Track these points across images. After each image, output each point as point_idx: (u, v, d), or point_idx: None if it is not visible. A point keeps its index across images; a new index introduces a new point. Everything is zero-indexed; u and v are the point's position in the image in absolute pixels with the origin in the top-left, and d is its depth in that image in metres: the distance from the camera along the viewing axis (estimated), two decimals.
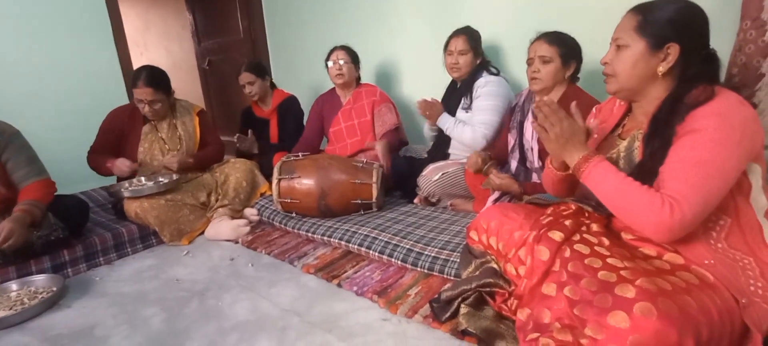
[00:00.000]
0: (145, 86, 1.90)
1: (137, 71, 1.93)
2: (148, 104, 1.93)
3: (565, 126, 0.94)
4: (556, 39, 1.48)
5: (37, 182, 1.60)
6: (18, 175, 1.58)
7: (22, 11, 2.31)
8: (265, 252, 1.74)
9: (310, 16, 2.98)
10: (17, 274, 1.53)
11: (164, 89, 1.97)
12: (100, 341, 1.21)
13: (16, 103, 2.29)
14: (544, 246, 0.97)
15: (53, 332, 1.27)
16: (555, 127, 0.95)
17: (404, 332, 1.16)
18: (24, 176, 1.59)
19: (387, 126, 2.21)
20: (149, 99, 1.91)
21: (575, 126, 0.95)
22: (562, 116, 0.95)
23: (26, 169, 1.59)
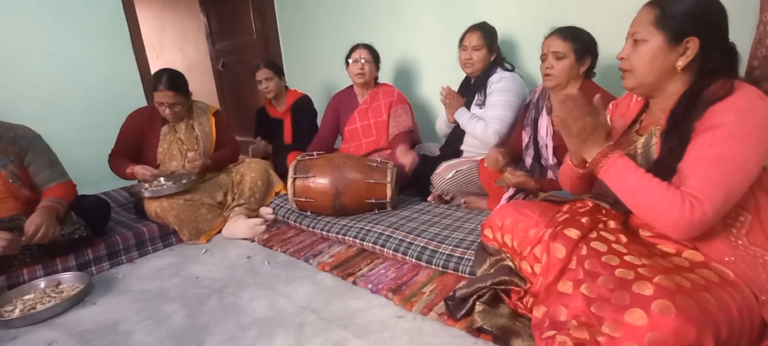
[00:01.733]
0: (166, 90, 1.94)
1: (157, 75, 1.97)
2: (168, 107, 1.97)
3: (589, 121, 0.92)
4: (570, 34, 1.46)
5: (59, 185, 1.66)
6: (40, 178, 1.64)
7: (43, 18, 2.39)
8: (280, 250, 1.77)
9: (323, 16, 3.00)
10: (44, 272, 1.58)
11: (184, 92, 2.02)
12: (124, 337, 1.25)
13: (40, 106, 2.37)
14: (560, 244, 0.97)
15: (79, 328, 1.31)
16: (578, 122, 0.93)
17: (419, 329, 1.17)
18: (46, 178, 1.65)
19: (401, 128, 2.21)
20: (170, 102, 1.96)
21: (598, 121, 0.93)
22: (587, 111, 0.93)
23: (48, 172, 1.65)
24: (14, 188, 1.59)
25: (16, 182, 1.59)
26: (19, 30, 2.31)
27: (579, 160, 1.05)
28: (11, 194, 1.59)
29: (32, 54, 2.37)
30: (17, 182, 1.59)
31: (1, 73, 2.23)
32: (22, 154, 1.61)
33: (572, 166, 1.08)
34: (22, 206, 1.62)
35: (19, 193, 1.60)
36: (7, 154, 1.57)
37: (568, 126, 0.94)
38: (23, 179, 1.62)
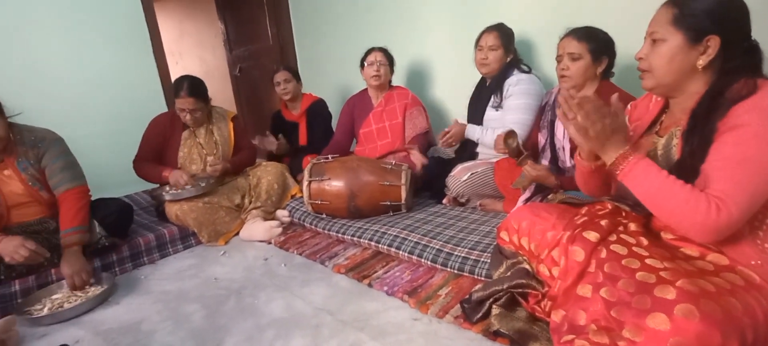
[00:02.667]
0: (187, 96, 1.99)
1: (179, 82, 2.02)
2: (189, 113, 2.02)
3: (607, 123, 0.90)
4: (586, 35, 1.44)
5: (70, 190, 1.63)
6: (53, 181, 1.64)
7: (69, 26, 2.48)
8: (297, 252, 1.79)
9: (337, 21, 3.03)
10: None
11: (204, 98, 2.07)
12: (147, 336, 1.28)
13: (66, 112, 2.45)
14: (579, 247, 0.95)
15: (104, 327, 1.36)
16: (596, 125, 0.90)
17: (435, 331, 1.17)
18: (58, 182, 1.63)
19: (417, 130, 2.22)
20: (191, 108, 2.01)
21: (617, 123, 0.90)
22: (606, 113, 0.90)
23: (60, 175, 1.63)
24: (34, 191, 1.62)
25: (35, 185, 1.62)
26: (47, 39, 2.41)
27: (588, 154, 1.02)
28: (34, 198, 1.64)
29: (59, 62, 2.46)
30: (37, 185, 1.62)
31: (31, 80, 2.33)
32: (40, 157, 1.63)
33: (582, 161, 1.05)
34: (47, 209, 1.68)
35: (40, 197, 1.64)
36: (28, 158, 1.61)
37: (586, 129, 0.91)
38: (42, 182, 1.65)
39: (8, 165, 1.59)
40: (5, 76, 1.75)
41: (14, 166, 1.60)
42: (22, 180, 1.61)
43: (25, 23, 2.33)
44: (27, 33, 2.34)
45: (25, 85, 2.29)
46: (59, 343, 1.14)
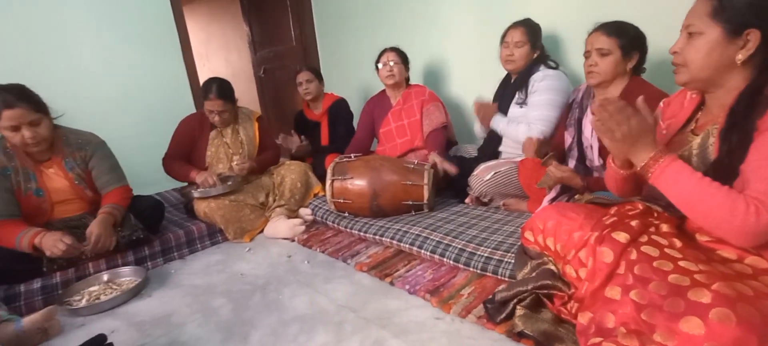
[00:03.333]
0: (216, 98, 2.06)
1: (207, 84, 2.09)
2: (218, 114, 2.09)
3: (634, 124, 0.87)
4: (616, 29, 1.39)
5: (116, 189, 1.78)
6: (101, 182, 1.77)
7: (102, 30, 2.59)
8: (319, 250, 1.81)
9: (359, 21, 3.06)
10: (107, 266, 1.72)
11: (232, 99, 2.14)
12: (177, 328, 1.33)
13: (102, 113, 2.56)
14: (608, 248, 0.93)
15: (138, 319, 1.41)
16: (622, 127, 0.88)
17: (458, 331, 1.16)
18: (105, 183, 1.77)
19: (434, 124, 2.20)
20: (220, 109, 2.08)
21: (644, 124, 0.88)
22: (630, 114, 0.88)
23: (107, 176, 1.77)
24: (80, 189, 1.74)
25: (81, 183, 1.74)
26: (82, 43, 2.53)
27: (622, 162, 1.00)
28: (78, 195, 1.75)
29: (94, 65, 2.58)
30: (82, 183, 1.74)
31: (67, 82, 2.45)
32: (87, 159, 1.76)
33: (616, 168, 1.03)
34: (88, 206, 1.78)
35: (84, 194, 1.76)
36: (74, 159, 1.73)
37: (612, 131, 0.89)
38: (88, 181, 1.77)
39: (55, 164, 1.69)
40: (50, 81, 1.86)
41: (61, 166, 1.70)
42: (69, 179, 1.71)
43: (66, 33, 2.46)
44: (68, 41, 2.47)
45: (65, 89, 2.41)
46: (96, 332, 1.20)
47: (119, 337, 1.28)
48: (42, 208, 1.67)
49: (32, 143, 1.57)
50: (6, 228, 1.55)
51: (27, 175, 1.63)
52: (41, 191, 1.66)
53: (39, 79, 1.79)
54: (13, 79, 1.60)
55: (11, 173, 1.60)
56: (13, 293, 1.52)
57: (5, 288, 1.52)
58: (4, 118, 1.50)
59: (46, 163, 1.68)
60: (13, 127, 1.52)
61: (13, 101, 1.51)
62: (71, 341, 1.27)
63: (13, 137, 1.54)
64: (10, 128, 1.52)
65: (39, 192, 1.66)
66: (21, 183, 1.62)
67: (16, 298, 1.52)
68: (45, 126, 1.60)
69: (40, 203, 1.67)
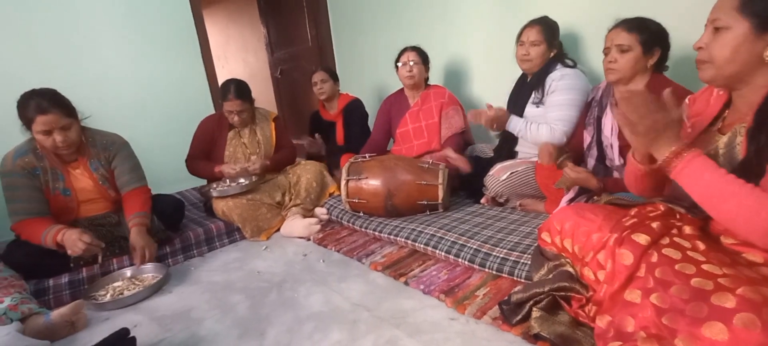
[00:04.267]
0: (235, 99, 2.11)
1: (226, 86, 2.14)
2: (237, 114, 2.14)
3: (658, 118, 0.84)
4: (637, 25, 1.36)
5: (136, 189, 1.81)
6: (121, 181, 1.81)
7: (127, 35, 2.67)
8: (334, 249, 1.83)
9: (375, 21, 3.06)
10: (129, 263, 1.76)
11: (249, 99, 2.19)
12: (197, 323, 1.36)
13: (124, 114, 2.64)
14: (627, 250, 0.91)
15: (159, 313, 1.45)
16: (646, 120, 0.85)
17: (473, 332, 1.15)
18: (126, 182, 1.81)
19: (453, 129, 2.19)
20: (238, 109, 2.13)
21: (669, 117, 0.84)
22: (654, 107, 0.85)
23: (128, 176, 1.81)
24: (103, 189, 1.79)
25: (104, 183, 1.79)
26: (108, 48, 2.62)
27: (643, 156, 0.96)
28: (102, 195, 1.80)
29: (117, 67, 2.67)
30: (106, 183, 1.79)
31: (93, 85, 2.54)
32: (110, 159, 1.81)
33: (636, 163, 0.99)
34: (112, 205, 1.84)
35: (108, 194, 1.81)
36: (99, 159, 1.78)
37: (634, 124, 0.86)
38: (111, 181, 1.82)
39: (81, 164, 1.75)
40: (77, 83, 1.93)
41: (87, 166, 1.76)
42: (94, 179, 1.77)
43: (93, 37, 2.55)
44: (94, 45, 2.56)
45: (92, 92, 2.50)
46: (120, 326, 1.24)
47: (141, 331, 1.32)
48: (69, 207, 1.74)
49: (63, 147, 1.62)
50: (35, 225, 1.61)
51: (55, 175, 1.70)
52: (68, 190, 1.73)
53: (67, 81, 1.87)
54: (44, 82, 1.66)
55: (40, 173, 1.67)
56: (42, 288, 1.59)
57: (35, 282, 1.58)
58: (37, 123, 1.56)
59: (73, 163, 1.75)
60: (45, 132, 1.58)
61: (47, 107, 1.56)
62: (96, 334, 1.32)
63: (45, 141, 1.60)
64: (42, 132, 1.58)
65: (66, 192, 1.72)
66: (49, 183, 1.68)
67: (45, 292, 1.59)
68: (75, 130, 1.66)
69: (67, 202, 1.73)
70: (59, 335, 1.34)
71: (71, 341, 1.33)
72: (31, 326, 1.30)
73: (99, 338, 1.19)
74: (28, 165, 1.64)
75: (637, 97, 0.85)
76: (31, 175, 1.64)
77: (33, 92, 1.58)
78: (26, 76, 1.87)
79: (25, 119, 1.58)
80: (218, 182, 2.17)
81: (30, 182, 1.64)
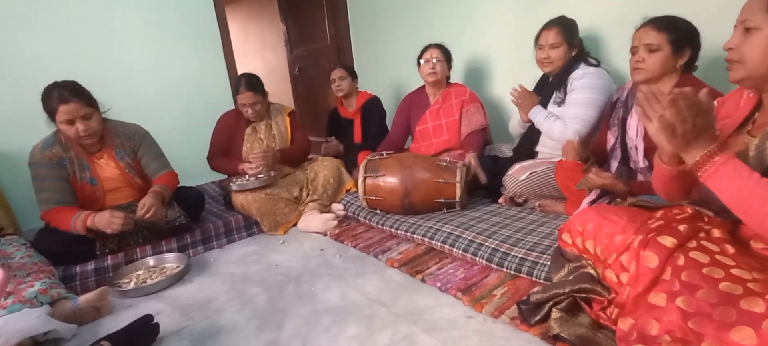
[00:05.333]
0: (246, 91, 2.15)
1: (237, 80, 2.20)
2: (250, 107, 2.18)
3: (699, 122, 0.82)
4: (666, 24, 1.32)
5: (165, 174, 1.91)
6: (150, 169, 1.90)
7: (150, 30, 2.74)
8: (351, 245, 1.84)
9: (394, 19, 3.07)
10: (153, 251, 1.82)
11: (261, 91, 2.22)
12: (217, 313, 1.39)
13: (148, 109, 2.71)
14: (652, 252, 0.89)
15: (180, 302, 1.49)
16: (686, 124, 0.82)
17: (490, 330, 1.15)
18: (155, 169, 1.90)
19: (473, 126, 2.17)
20: (251, 102, 2.17)
21: (708, 121, 0.82)
22: (699, 111, 0.82)
23: (156, 163, 1.91)
24: (130, 177, 1.86)
25: (131, 172, 1.86)
26: (132, 43, 2.69)
27: (670, 157, 0.94)
28: (128, 183, 1.87)
29: (142, 63, 2.74)
30: (132, 172, 1.87)
31: (117, 79, 2.61)
32: (136, 149, 1.88)
33: (663, 164, 0.97)
34: (138, 193, 1.89)
35: (134, 182, 1.88)
36: (124, 149, 1.85)
37: (674, 127, 0.83)
38: (137, 169, 1.89)
39: (105, 154, 1.82)
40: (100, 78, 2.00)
41: (112, 156, 1.82)
42: (120, 168, 1.83)
43: (118, 33, 2.63)
44: (119, 41, 2.63)
45: (116, 86, 2.57)
46: (143, 313, 1.28)
47: (164, 318, 1.35)
48: (96, 196, 1.80)
49: (85, 136, 1.68)
50: (63, 213, 1.67)
51: (81, 165, 1.76)
52: (95, 179, 1.79)
53: (93, 75, 1.93)
54: (71, 75, 1.73)
55: (67, 163, 1.73)
56: (69, 274, 1.64)
57: (63, 269, 1.64)
58: (60, 112, 1.62)
59: (98, 154, 1.81)
60: (68, 121, 1.64)
61: (69, 96, 1.62)
62: (120, 320, 1.36)
63: (68, 130, 1.66)
64: (65, 122, 1.64)
65: (92, 181, 1.78)
66: (76, 172, 1.74)
67: (73, 278, 1.64)
68: (96, 119, 1.71)
69: (93, 191, 1.79)
70: (86, 320, 1.39)
71: (97, 326, 1.38)
72: (60, 309, 1.35)
73: (123, 324, 1.23)
74: (55, 156, 1.70)
75: (684, 99, 0.82)
76: (58, 165, 1.71)
77: (55, 84, 1.65)
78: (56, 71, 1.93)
79: (49, 110, 1.64)
80: (238, 176, 2.21)
81: (57, 172, 1.70)
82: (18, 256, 1.51)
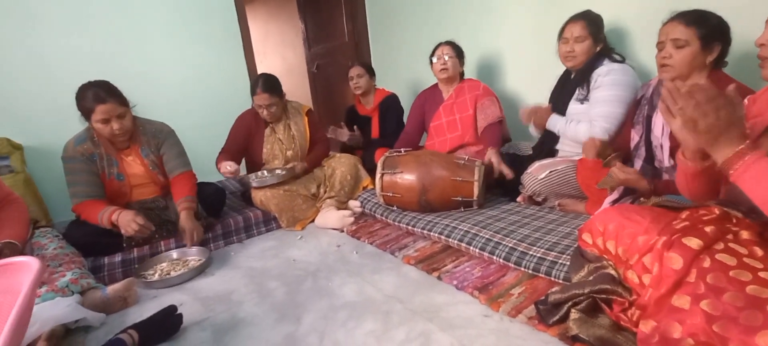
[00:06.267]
0: (262, 92, 2.14)
1: (254, 81, 2.19)
2: (266, 108, 2.18)
3: (723, 116, 0.79)
4: (695, 19, 1.27)
5: (183, 173, 1.92)
6: (169, 166, 1.93)
7: (172, 30, 2.81)
8: (367, 242, 1.85)
9: (412, 16, 3.06)
10: (176, 245, 1.88)
11: (278, 93, 2.21)
12: (237, 305, 1.43)
13: (170, 105, 2.78)
14: (677, 253, 0.87)
15: (202, 294, 1.54)
16: (708, 118, 0.79)
17: (507, 329, 1.14)
18: (173, 167, 1.92)
19: (490, 119, 2.14)
20: (267, 103, 2.16)
21: (733, 116, 0.79)
22: (720, 104, 0.79)
23: (175, 161, 1.93)
24: (154, 174, 1.91)
25: (154, 169, 1.91)
26: (156, 42, 2.77)
27: (693, 153, 0.91)
28: (152, 179, 1.92)
29: (165, 62, 2.81)
30: (155, 169, 1.92)
31: (141, 77, 2.69)
32: (159, 146, 1.93)
33: (686, 161, 0.94)
34: (161, 189, 1.95)
35: (157, 179, 1.93)
36: (149, 146, 1.90)
37: (695, 122, 0.81)
38: (160, 167, 1.94)
39: (133, 151, 1.88)
40: (126, 76, 2.06)
41: (138, 153, 1.88)
42: (145, 165, 1.89)
43: (142, 33, 2.71)
44: (143, 40, 2.72)
45: (140, 84, 2.64)
46: (167, 304, 1.32)
47: (186, 309, 1.39)
48: (122, 191, 1.86)
49: (119, 134, 1.75)
50: (92, 206, 1.74)
51: (110, 161, 1.82)
52: (122, 175, 1.85)
53: (117, 73, 1.99)
54: (97, 74, 1.79)
55: (97, 158, 1.79)
56: (98, 265, 1.71)
57: (92, 260, 1.71)
58: (97, 113, 1.68)
59: (126, 151, 1.87)
60: (104, 120, 1.70)
61: (105, 96, 1.68)
62: (146, 310, 1.41)
63: (104, 129, 1.72)
64: (101, 120, 1.70)
65: (120, 176, 1.85)
66: (105, 168, 1.81)
67: (101, 269, 1.71)
68: (129, 118, 1.78)
69: (121, 187, 1.85)
70: (113, 309, 1.44)
71: (124, 315, 1.43)
72: (89, 299, 1.41)
73: (148, 314, 1.28)
74: (86, 151, 1.77)
75: (701, 92, 0.80)
76: (89, 160, 1.77)
77: (89, 84, 1.71)
78: (84, 69, 2.01)
79: (84, 110, 1.70)
80: (257, 172, 2.25)
81: (88, 167, 1.77)
82: (51, 247, 1.58)
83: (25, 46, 2.37)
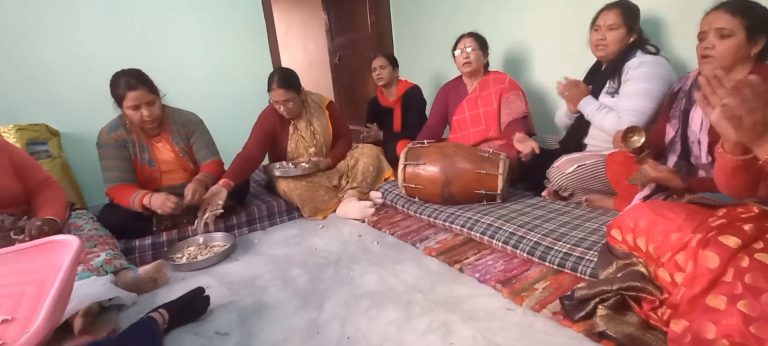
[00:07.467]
0: (278, 88, 2.11)
1: (270, 76, 2.15)
2: (282, 104, 2.14)
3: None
4: (741, 7, 1.19)
5: (212, 162, 2.01)
6: (200, 155, 2.01)
7: (200, 24, 2.88)
8: (388, 232, 1.86)
9: (435, 7, 3.02)
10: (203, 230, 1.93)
11: (294, 88, 2.15)
12: (261, 290, 1.46)
13: (198, 96, 2.83)
14: (713, 252, 0.84)
15: (228, 279, 1.58)
16: (755, 114, 0.77)
17: (530, 324, 1.13)
18: (204, 156, 2.01)
19: (514, 114, 2.11)
20: (283, 99, 2.12)
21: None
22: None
23: (205, 151, 2.02)
24: (183, 161, 1.98)
25: (184, 156, 1.98)
26: (184, 34, 2.84)
27: (734, 146, 0.87)
28: (181, 166, 1.99)
29: (193, 55, 2.89)
30: (185, 156, 1.99)
31: (170, 71, 2.75)
32: (189, 135, 2.00)
33: (725, 154, 0.90)
34: (189, 176, 2.01)
35: (187, 166, 2.00)
36: (180, 135, 1.97)
37: (740, 118, 0.78)
38: (189, 154, 2.01)
39: (163, 138, 1.94)
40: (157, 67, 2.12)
41: (169, 140, 1.95)
42: (175, 152, 1.96)
43: (171, 24, 2.79)
44: (172, 32, 2.80)
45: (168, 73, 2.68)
46: (195, 286, 1.36)
47: (213, 292, 1.43)
48: (153, 176, 1.93)
49: (148, 120, 1.81)
50: (124, 190, 1.81)
51: (142, 147, 1.89)
52: (153, 161, 1.92)
53: (148, 63, 2.04)
54: (129, 63, 1.86)
55: (130, 145, 1.86)
56: (129, 247, 1.78)
57: (124, 242, 1.78)
58: (128, 99, 1.75)
59: (157, 137, 1.93)
60: (134, 106, 1.76)
61: (136, 84, 1.75)
62: (175, 291, 1.46)
63: (134, 115, 1.78)
64: (132, 107, 1.76)
65: (151, 162, 1.91)
66: (137, 154, 1.88)
67: (132, 251, 1.78)
68: (158, 106, 1.84)
69: (151, 172, 1.92)
70: (144, 289, 1.50)
71: (154, 295, 1.49)
72: (122, 279, 1.47)
73: (177, 295, 1.32)
74: (119, 138, 1.84)
75: (749, 87, 0.77)
76: (122, 146, 1.84)
77: (122, 72, 1.78)
78: (116, 59, 2.08)
79: (116, 96, 1.77)
80: (281, 163, 2.27)
81: (121, 153, 1.84)
82: (87, 228, 1.66)
83: (63, 38, 2.48)
